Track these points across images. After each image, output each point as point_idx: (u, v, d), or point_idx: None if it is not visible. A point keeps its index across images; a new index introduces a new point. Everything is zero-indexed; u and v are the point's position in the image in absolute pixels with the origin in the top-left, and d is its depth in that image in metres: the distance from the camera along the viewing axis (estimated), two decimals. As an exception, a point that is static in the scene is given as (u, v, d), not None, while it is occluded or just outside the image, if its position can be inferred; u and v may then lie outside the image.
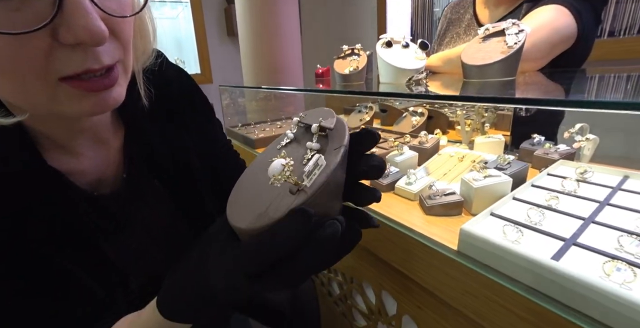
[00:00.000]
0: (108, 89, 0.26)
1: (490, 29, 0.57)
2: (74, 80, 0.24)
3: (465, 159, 0.62)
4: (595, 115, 0.51)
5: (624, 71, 0.61)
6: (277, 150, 0.29)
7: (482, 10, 0.91)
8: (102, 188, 0.38)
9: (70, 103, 0.25)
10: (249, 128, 1.06)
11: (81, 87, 0.25)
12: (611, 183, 0.49)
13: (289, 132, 0.29)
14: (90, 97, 0.26)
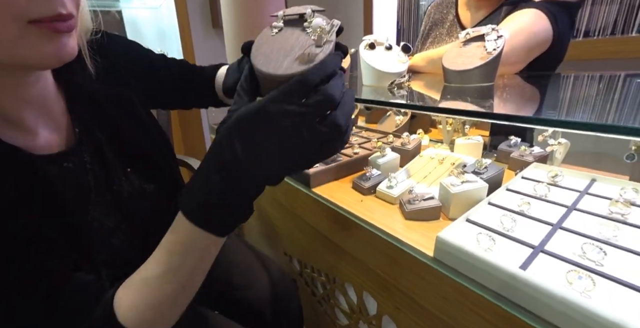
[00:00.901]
0: (68, 34, 0.29)
1: (471, 34, 0.58)
2: (42, 23, 0.27)
3: (445, 161, 0.64)
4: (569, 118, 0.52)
5: (594, 78, 0.63)
6: (271, 36, 0.34)
7: (464, 12, 0.91)
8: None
9: (36, 46, 0.27)
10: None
11: (48, 28, 0.27)
12: (579, 187, 0.51)
13: (275, 24, 0.35)
14: (54, 41, 0.28)
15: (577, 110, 0.40)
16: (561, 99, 0.49)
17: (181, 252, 0.31)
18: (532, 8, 0.68)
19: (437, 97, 0.57)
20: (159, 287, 0.31)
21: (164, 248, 0.32)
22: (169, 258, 0.31)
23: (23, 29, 0.26)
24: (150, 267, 0.32)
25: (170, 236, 0.31)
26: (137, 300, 0.31)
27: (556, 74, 0.72)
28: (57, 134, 0.38)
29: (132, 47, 0.52)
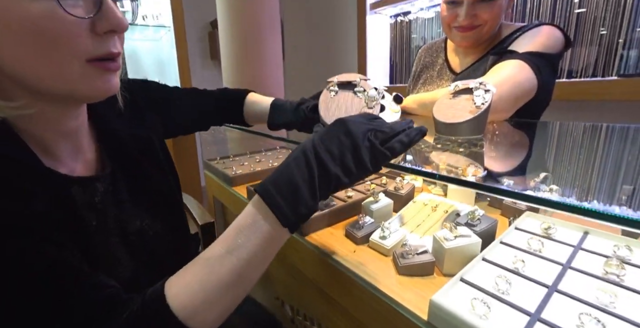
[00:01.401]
0: (114, 73, 0.35)
1: (460, 86, 0.59)
2: (97, 62, 0.33)
3: (438, 208, 0.63)
4: (557, 165, 0.53)
5: (579, 129, 0.65)
6: (331, 98, 0.50)
7: (453, 57, 0.95)
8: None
9: (91, 82, 0.33)
10: (227, 162, 1.04)
11: (102, 66, 0.33)
12: (573, 241, 0.51)
13: (332, 88, 0.51)
14: (104, 78, 0.34)
15: (567, 180, 0.40)
16: (550, 163, 0.50)
17: (246, 233, 0.33)
18: (516, 59, 0.71)
19: (427, 150, 0.57)
20: (219, 267, 0.32)
21: (231, 227, 0.34)
22: (235, 237, 0.33)
23: (82, 67, 0.32)
24: (216, 247, 0.34)
25: (241, 217, 0.34)
26: (190, 278, 0.32)
27: (543, 122, 0.74)
28: (81, 164, 0.41)
29: (149, 84, 0.59)
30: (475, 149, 0.53)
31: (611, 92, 1.16)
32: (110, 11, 0.32)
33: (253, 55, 1.64)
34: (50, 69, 0.31)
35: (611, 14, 1.19)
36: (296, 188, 0.33)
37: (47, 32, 0.29)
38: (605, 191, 0.37)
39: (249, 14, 1.62)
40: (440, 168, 0.74)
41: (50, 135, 0.37)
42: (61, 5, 0.28)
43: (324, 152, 0.34)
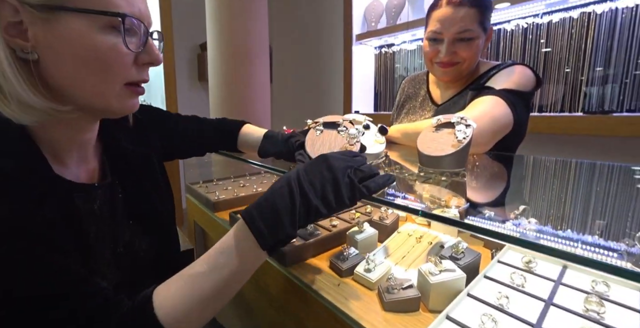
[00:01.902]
0: (138, 96, 0.41)
1: (442, 120, 0.61)
2: (131, 86, 0.39)
3: (423, 239, 0.63)
4: (536, 198, 0.54)
5: (551, 164, 0.68)
6: (317, 136, 0.53)
7: (434, 89, 0.99)
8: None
9: (123, 100, 0.39)
10: (210, 186, 1.01)
11: (134, 90, 0.40)
12: (553, 275, 0.51)
13: (318, 127, 0.54)
14: (133, 99, 0.41)
15: (544, 213, 0.41)
16: (527, 196, 0.51)
17: (228, 253, 0.36)
18: (493, 95, 0.75)
19: (411, 183, 0.58)
20: (201, 283, 0.35)
21: (215, 247, 0.37)
22: (217, 256, 0.36)
23: (121, 88, 0.38)
24: (199, 264, 0.37)
25: (224, 238, 0.38)
26: (174, 292, 0.35)
27: (519, 156, 0.77)
28: (84, 172, 0.44)
29: (155, 109, 0.63)
30: (457, 179, 0.54)
31: (577, 127, 1.24)
32: (151, 48, 0.39)
33: (241, 79, 1.66)
34: (96, 88, 0.37)
35: (574, 56, 1.29)
36: (278, 215, 0.36)
37: (105, 60, 0.35)
38: (580, 224, 0.38)
39: (239, 38, 1.66)
40: (423, 199, 0.75)
41: (65, 143, 0.40)
42: (125, 42, 0.36)
43: (306, 184, 0.37)
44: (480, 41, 0.82)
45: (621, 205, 0.44)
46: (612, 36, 1.21)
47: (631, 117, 1.12)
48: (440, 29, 0.80)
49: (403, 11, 1.79)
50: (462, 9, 0.78)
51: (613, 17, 1.19)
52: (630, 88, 1.18)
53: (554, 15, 1.33)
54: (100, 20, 0.34)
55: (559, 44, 1.33)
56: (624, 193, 0.50)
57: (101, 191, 0.44)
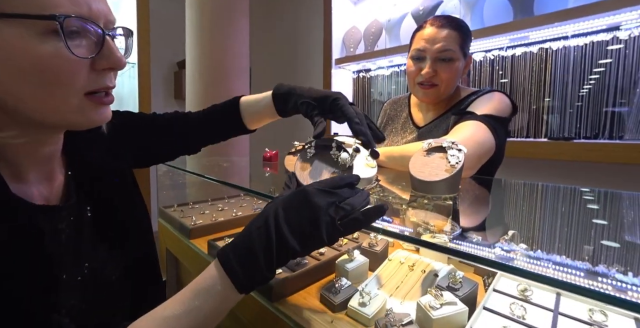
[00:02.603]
0: (108, 105, 0.36)
1: (433, 144, 0.60)
2: (94, 96, 0.34)
3: (415, 267, 0.60)
4: (523, 221, 0.53)
5: (528, 187, 0.69)
6: (308, 158, 0.48)
7: (416, 112, 1.01)
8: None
9: (87, 114, 0.34)
10: (186, 209, 0.93)
11: (98, 100, 0.35)
12: (549, 304, 0.49)
13: (310, 150, 0.49)
14: (100, 110, 0.35)
15: (533, 238, 0.40)
16: (517, 220, 0.50)
17: (204, 295, 0.34)
18: (475, 120, 0.76)
19: (404, 209, 0.55)
20: (175, 327, 0.32)
21: (190, 289, 0.34)
22: (193, 299, 0.33)
23: (80, 100, 0.33)
24: (172, 306, 0.33)
25: (199, 279, 0.35)
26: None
27: (497, 179, 0.78)
28: (48, 191, 0.39)
29: (129, 113, 0.57)
30: (449, 204, 0.52)
31: (542, 152, 1.30)
32: (110, 51, 0.33)
33: (220, 98, 1.61)
34: (50, 103, 0.32)
35: (535, 86, 1.38)
36: (254, 257, 0.33)
37: (51, 70, 0.30)
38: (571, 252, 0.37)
39: (219, 57, 1.63)
40: (416, 225, 0.72)
41: (24, 160, 0.36)
42: (68, 48, 0.30)
43: (283, 224, 0.34)
44: (460, 64, 0.84)
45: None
46: (566, 70, 1.31)
47: (590, 143, 1.20)
48: (424, 46, 0.83)
49: (380, 39, 1.86)
50: (445, 29, 0.81)
51: (567, 53, 1.30)
52: (585, 118, 1.28)
53: (517, 49, 1.43)
54: (37, 26, 0.29)
55: (522, 75, 1.42)
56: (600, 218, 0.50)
57: (65, 213, 0.39)
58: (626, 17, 1.13)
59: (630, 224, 0.47)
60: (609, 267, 0.29)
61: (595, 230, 0.41)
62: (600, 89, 1.23)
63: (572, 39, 1.29)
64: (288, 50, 2.46)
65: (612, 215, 0.54)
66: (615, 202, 0.65)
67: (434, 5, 1.63)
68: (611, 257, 0.35)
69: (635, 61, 1.15)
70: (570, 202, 0.63)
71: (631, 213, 0.55)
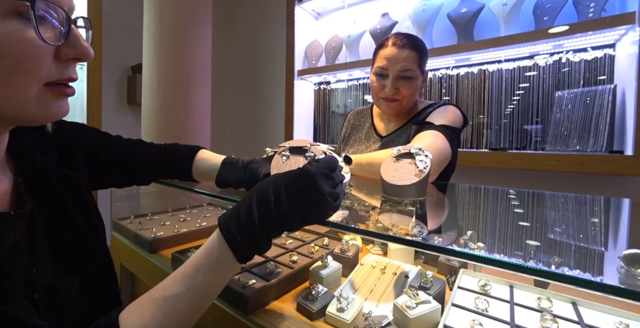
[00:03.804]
0: (67, 98, 0.33)
1: (402, 150, 0.62)
2: (55, 87, 0.31)
3: (387, 270, 0.60)
4: (482, 223, 0.57)
5: (480, 191, 0.74)
6: (282, 162, 0.48)
7: (378, 122, 1.04)
8: None
9: (45, 105, 0.31)
10: (144, 221, 0.84)
11: (59, 91, 0.32)
12: (505, 296, 0.53)
13: (284, 152, 0.49)
14: (59, 102, 0.32)
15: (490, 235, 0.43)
16: (476, 221, 0.54)
17: (206, 269, 0.33)
18: (434, 130, 0.81)
19: (376, 212, 0.56)
20: (179, 305, 0.32)
21: (190, 265, 0.33)
22: (195, 275, 0.33)
23: (39, 90, 0.30)
24: (173, 285, 0.32)
25: (201, 253, 0.34)
26: (149, 318, 0.31)
27: (452, 184, 0.84)
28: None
29: (87, 128, 0.52)
30: (417, 207, 0.54)
31: (484, 160, 1.42)
32: (77, 40, 0.31)
33: (181, 106, 1.52)
34: (6, 92, 0.28)
35: (476, 102, 1.52)
36: (255, 232, 0.34)
37: (11, 55, 0.27)
38: (521, 247, 0.41)
39: (181, 64, 1.54)
40: (388, 227, 0.73)
41: None
42: (38, 32, 0.27)
43: (286, 204, 0.34)
44: (419, 81, 0.90)
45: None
46: (499, 90, 1.47)
47: (520, 153, 1.34)
48: (386, 65, 0.87)
49: (341, 53, 1.92)
50: (405, 50, 0.86)
51: (500, 75, 1.46)
52: (516, 131, 1.43)
53: (461, 69, 1.57)
54: (1, 6, 0.26)
55: (465, 92, 1.56)
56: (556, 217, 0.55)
57: (18, 221, 0.34)
58: (543, 47, 1.31)
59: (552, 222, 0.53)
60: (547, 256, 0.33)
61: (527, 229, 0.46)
62: (525, 107, 1.40)
63: (505, 62, 1.45)
64: (250, 60, 2.43)
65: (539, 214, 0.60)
66: (540, 201, 0.72)
67: (390, 25, 1.73)
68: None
69: (550, 84, 1.34)
70: (524, 203, 0.69)
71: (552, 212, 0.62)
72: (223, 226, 0.34)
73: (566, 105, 1.27)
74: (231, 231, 0.33)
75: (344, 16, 1.99)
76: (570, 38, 1.21)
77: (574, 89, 1.27)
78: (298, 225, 0.36)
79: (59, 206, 0.39)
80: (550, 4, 1.27)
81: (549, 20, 1.26)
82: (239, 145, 2.42)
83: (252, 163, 0.54)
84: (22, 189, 0.37)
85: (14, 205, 0.36)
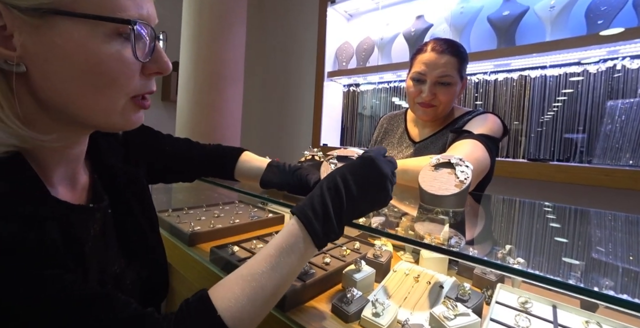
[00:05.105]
0: (143, 109, 0.36)
1: (441, 160, 0.63)
2: (137, 99, 0.35)
3: (420, 279, 0.61)
4: (521, 237, 0.56)
5: (515, 203, 0.73)
6: (331, 169, 0.51)
7: (412, 127, 1.05)
8: None
9: (128, 115, 0.34)
10: (182, 215, 0.89)
11: (140, 104, 0.35)
12: (548, 316, 0.52)
13: (332, 160, 0.54)
14: (138, 113, 0.36)
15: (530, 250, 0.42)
16: (515, 234, 0.53)
17: (287, 251, 0.36)
18: (473, 139, 0.80)
19: (413, 220, 0.57)
20: (264, 282, 0.34)
21: (274, 247, 0.37)
22: (278, 256, 0.36)
23: (126, 102, 0.33)
24: (258, 264, 0.35)
25: (281, 238, 0.37)
26: (239, 293, 0.33)
27: (487, 195, 0.83)
28: (72, 192, 0.38)
29: (146, 128, 0.57)
30: (457, 218, 0.54)
31: (522, 171, 1.38)
32: (160, 55, 0.34)
33: (213, 104, 1.59)
34: (100, 104, 0.32)
35: (515, 110, 1.47)
36: (330, 217, 0.37)
37: (109, 73, 0.30)
38: (563, 265, 0.40)
39: (215, 62, 1.61)
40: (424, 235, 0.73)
41: (52, 160, 0.35)
42: (135, 51, 0.31)
43: (354, 188, 0.38)
44: (457, 88, 0.89)
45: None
46: (542, 97, 1.42)
47: (563, 166, 1.29)
48: (424, 70, 0.87)
49: (372, 55, 1.92)
50: (445, 56, 0.85)
51: (543, 81, 1.41)
52: (558, 140, 1.38)
53: (499, 74, 1.53)
54: (104, 27, 0.29)
55: (502, 98, 1.52)
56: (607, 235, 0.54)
57: (99, 213, 0.39)
58: (595, 53, 1.25)
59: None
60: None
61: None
62: (569, 115, 1.34)
63: (549, 68, 1.40)
64: (281, 60, 2.48)
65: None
66: (584, 217, 0.70)
67: (424, 28, 1.71)
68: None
69: (602, 93, 1.27)
70: (566, 219, 0.67)
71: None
72: (300, 214, 0.37)
73: (619, 116, 1.20)
74: (309, 218, 0.36)
75: (376, 18, 1.99)
76: (628, 43, 1.14)
77: (630, 99, 1.20)
78: (367, 208, 0.39)
79: (124, 201, 0.44)
80: (606, 6, 1.20)
81: (604, 24, 1.20)
82: (267, 145, 2.48)
83: (300, 169, 0.57)
84: (98, 185, 0.42)
85: (92, 198, 0.41)
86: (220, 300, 0.32)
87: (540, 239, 0.52)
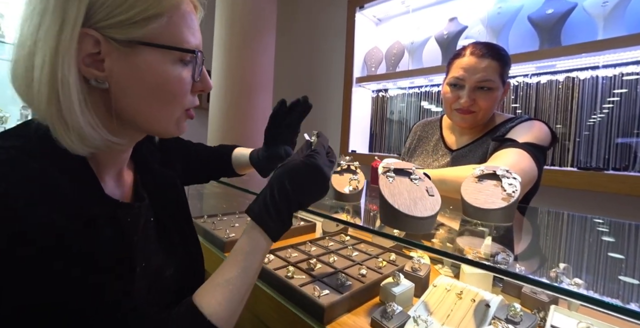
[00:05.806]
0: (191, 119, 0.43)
1: (485, 171, 0.60)
2: (188, 111, 0.42)
3: (464, 296, 0.59)
4: (575, 255, 0.53)
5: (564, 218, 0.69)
6: (390, 183, 0.51)
7: (448, 135, 1.02)
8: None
9: (180, 124, 0.41)
10: (217, 221, 0.92)
11: (189, 115, 0.42)
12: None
13: (389, 174, 0.53)
14: (185, 123, 0.42)
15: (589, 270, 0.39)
16: (568, 251, 0.50)
17: (252, 253, 0.41)
18: (518, 148, 0.77)
19: (458, 234, 0.55)
20: (239, 285, 0.39)
21: (237, 252, 0.41)
22: (244, 260, 0.40)
23: (181, 113, 0.40)
24: (229, 269, 0.40)
25: (243, 242, 0.42)
26: (220, 298, 0.38)
27: (533, 208, 0.78)
28: (119, 190, 0.43)
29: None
30: (504, 234, 0.52)
31: (571, 181, 1.29)
32: (205, 76, 0.41)
33: (244, 111, 1.64)
34: (162, 115, 0.39)
35: (561, 114, 1.39)
36: (281, 215, 0.42)
37: (171, 91, 0.37)
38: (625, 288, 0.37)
39: (246, 69, 1.67)
40: (469, 250, 0.71)
41: (108, 161, 0.40)
42: (193, 74, 0.39)
43: (299, 188, 0.43)
44: (499, 93, 0.86)
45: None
46: (593, 100, 1.33)
47: (620, 175, 1.20)
48: (463, 75, 0.84)
49: (402, 60, 1.91)
50: (485, 60, 0.83)
51: (594, 83, 1.32)
52: (614, 149, 1.28)
53: (542, 77, 1.46)
54: (173, 54, 0.36)
55: (547, 102, 1.44)
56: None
57: (142, 210, 0.44)
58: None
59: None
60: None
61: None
62: (625, 117, 1.25)
63: (602, 69, 1.32)
64: (309, 66, 2.52)
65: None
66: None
67: (459, 30, 1.67)
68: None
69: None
70: (625, 235, 0.62)
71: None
72: (255, 216, 0.42)
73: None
74: (263, 218, 0.42)
75: (406, 22, 1.98)
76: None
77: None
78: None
79: (162, 199, 0.49)
80: (666, 2, 1.12)
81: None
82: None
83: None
84: (139, 184, 0.47)
85: (134, 198, 0.46)
86: (207, 306, 0.37)
87: (596, 257, 0.49)
